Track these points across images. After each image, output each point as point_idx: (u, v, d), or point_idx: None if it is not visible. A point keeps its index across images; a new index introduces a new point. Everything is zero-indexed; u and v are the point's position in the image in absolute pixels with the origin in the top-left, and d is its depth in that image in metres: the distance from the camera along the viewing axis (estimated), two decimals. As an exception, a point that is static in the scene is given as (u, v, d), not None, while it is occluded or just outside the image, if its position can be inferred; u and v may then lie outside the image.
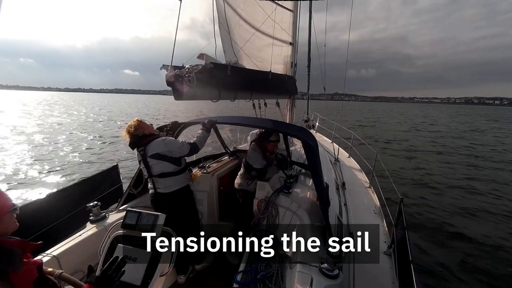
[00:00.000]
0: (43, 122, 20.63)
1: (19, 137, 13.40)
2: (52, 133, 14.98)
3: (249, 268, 1.78)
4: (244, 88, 2.97)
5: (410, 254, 1.67)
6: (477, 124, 32.76)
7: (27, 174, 7.77)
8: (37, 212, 2.36)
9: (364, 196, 3.63)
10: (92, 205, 2.10)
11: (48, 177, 7.57)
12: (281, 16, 4.23)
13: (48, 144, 12.01)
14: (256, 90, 3.26)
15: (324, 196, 1.90)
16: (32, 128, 16.88)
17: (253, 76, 3.13)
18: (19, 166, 8.44)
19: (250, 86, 3.05)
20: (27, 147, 11.09)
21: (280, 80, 3.79)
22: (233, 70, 2.57)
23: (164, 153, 2.05)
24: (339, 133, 6.28)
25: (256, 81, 3.16)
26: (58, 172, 7.99)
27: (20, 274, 0.80)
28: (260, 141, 2.68)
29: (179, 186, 2.17)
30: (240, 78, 2.73)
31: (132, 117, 2.33)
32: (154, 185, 2.14)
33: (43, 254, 1.63)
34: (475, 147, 14.61)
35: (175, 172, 2.13)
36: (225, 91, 2.67)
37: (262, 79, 3.24)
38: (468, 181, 8.14)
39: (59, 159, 9.54)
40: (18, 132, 14.81)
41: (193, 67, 2.14)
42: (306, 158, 1.99)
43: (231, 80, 2.58)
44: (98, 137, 14.16)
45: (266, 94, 3.83)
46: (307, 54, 4.98)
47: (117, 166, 3.70)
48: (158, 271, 1.22)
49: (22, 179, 7.34)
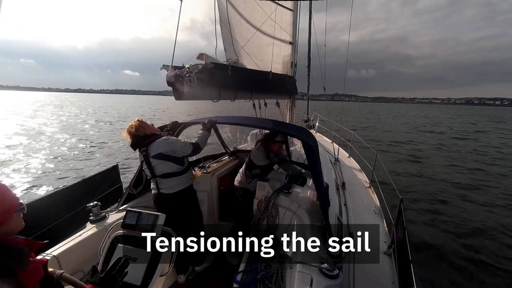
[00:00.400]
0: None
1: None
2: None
3: (249, 268, 1.78)
4: (245, 88, 2.97)
5: (410, 254, 1.67)
6: (480, 124, 32.72)
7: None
8: (37, 212, 2.35)
9: (364, 196, 3.63)
10: (92, 205, 2.10)
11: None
12: (281, 16, 4.23)
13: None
14: (256, 90, 3.25)
15: (324, 196, 1.90)
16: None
17: (253, 76, 3.12)
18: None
19: (250, 86, 3.04)
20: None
21: (280, 80, 3.79)
22: (233, 70, 2.56)
23: (167, 152, 2.04)
24: (339, 133, 6.28)
25: (257, 81, 3.15)
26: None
27: (28, 272, 0.80)
28: (265, 141, 2.67)
29: (183, 186, 2.15)
30: (241, 78, 2.72)
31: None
32: (157, 185, 2.12)
33: (43, 254, 1.63)
34: (478, 148, 14.59)
35: (178, 172, 2.11)
36: (225, 91, 2.66)
37: (262, 79, 3.23)
38: (468, 180, 8.15)
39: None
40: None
41: (193, 67, 2.13)
42: (306, 158, 1.99)
43: (231, 80, 2.57)
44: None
45: (266, 94, 3.82)
46: (307, 54, 4.99)
47: (117, 166, 3.70)
48: (158, 271, 1.22)
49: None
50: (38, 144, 12.01)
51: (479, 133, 22.29)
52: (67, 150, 11.05)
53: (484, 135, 20.91)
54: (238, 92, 2.87)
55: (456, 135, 20.13)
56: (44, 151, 10.69)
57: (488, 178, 8.40)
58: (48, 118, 24.58)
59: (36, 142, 12.31)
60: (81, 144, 12.33)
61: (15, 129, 16.07)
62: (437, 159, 11.27)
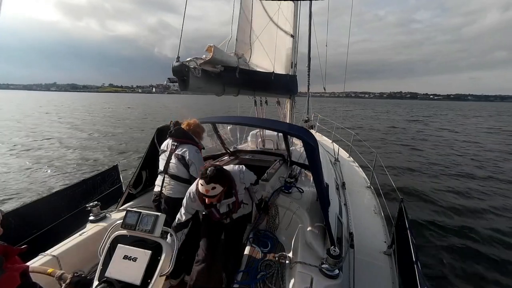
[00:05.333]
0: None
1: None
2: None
3: (249, 268, 1.78)
4: (248, 86, 3.08)
5: (414, 254, 1.66)
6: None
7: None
8: (37, 212, 2.35)
9: (364, 196, 3.64)
10: (92, 205, 2.10)
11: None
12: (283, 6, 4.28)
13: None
14: (259, 88, 3.37)
15: (324, 196, 1.90)
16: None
17: (257, 77, 3.22)
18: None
19: (254, 85, 3.17)
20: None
21: (282, 80, 3.82)
22: (241, 72, 2.66)
23: (189, 161, 2.09)
24: (339, 133, 6.29)
25: (260, 81, 3.24)
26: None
27: (0, 281, 0.77)
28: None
29: (183, 196, 2.12)
30: (246, 79, 2.81)
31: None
32: (162, 182, 2.14)
33: (43, 254, 1.63)
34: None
35: (186, 180, 2.12)
36: (230, 87, 2.74)
37: (265, 79, 3.31)
38: (470, 178, 8.14)
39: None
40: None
41: (198, 59, 2.15)
42: (307, 157, 1.99)
43: (237, 80, 2.66)
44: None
45: (269, 92, 3.92)
46: (307, 54, 4.99)
47: (117, 166, 3.70)
48: (158, 271, 1.21)
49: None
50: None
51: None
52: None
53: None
54: (241, 89, 2.96)
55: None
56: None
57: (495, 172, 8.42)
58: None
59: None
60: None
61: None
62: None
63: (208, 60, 2.19)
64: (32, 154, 10.23)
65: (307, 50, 4.95)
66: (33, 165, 8.71)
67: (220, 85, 2.54)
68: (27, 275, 0.91)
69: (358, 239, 2.38)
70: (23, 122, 20.10)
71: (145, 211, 1.40)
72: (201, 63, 2.15)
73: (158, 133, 2.51)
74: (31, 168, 8.32)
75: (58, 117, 25.04)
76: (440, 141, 15.31)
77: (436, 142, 15.11)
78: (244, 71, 2.78)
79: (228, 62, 2.52)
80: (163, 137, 2.35)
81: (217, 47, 2.29)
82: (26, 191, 6.38)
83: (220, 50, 2.38)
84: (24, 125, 18.40)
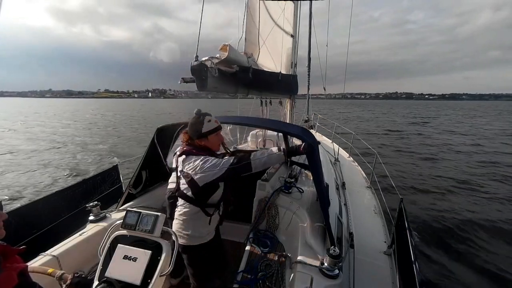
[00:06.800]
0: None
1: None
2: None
3: (249, 268, 1.78)
4: (257, 87, 3.12)
5: (413, 254, 1.66)
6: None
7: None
8: (37, 212, 2.35)
9: (364, 196, 3.64)
10: (92, 205, 2.10)
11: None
12: (285, 11, 4.31)
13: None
14: (266, 89, 3.42)
15: (324, 196, 1.90)
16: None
17: (266, 77, 3.25)
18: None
19: (263, 85, 3.21)
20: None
21: (286, 80, 3.85)
22: (253, 72, 2.66)
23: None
24: (339, 133, 6.29)
25: (268, 81, 3.27)
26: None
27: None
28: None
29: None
30: (256, 79, 2.81)
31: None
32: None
33: (43, 254, 1.63)
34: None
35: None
36: (241, 88, 2.76)
37: (273, 79, 3.34)
38: (470, 178, 8.14)
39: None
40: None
41: (214, 58, 2.14)
42: (307, 157, 1.98)
43: (250, 81, 2.65)
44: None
45: (274, 93, 3.97)
46: (307, 54, 4.99)
47: (117, 166, 3.70)
48: (158, 271, 1.21)
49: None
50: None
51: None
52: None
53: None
54: (250, 89, 2.99)
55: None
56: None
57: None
58: None
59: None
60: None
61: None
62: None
63: (224, 59, 2.18)
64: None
65: (306, 50, 4.98)
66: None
67: (233, 85, 2.54)
68: (25, 274, 0.90)
69: (358, 239, 2.38)
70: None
71: (145, 211, 1.40)
72: (217, 62, 2.13)
73: (158, 133, 2.51)
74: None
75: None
76: (441, 145, 15.02)
77: (439, 145, 14.59)
78: (256, 71, 2.79)
79: (241, 62, 2.52)
80: (163, 137, 2.34)
81: (232, 46, 2.28)
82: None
83: (234, 50, 2.37)
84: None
